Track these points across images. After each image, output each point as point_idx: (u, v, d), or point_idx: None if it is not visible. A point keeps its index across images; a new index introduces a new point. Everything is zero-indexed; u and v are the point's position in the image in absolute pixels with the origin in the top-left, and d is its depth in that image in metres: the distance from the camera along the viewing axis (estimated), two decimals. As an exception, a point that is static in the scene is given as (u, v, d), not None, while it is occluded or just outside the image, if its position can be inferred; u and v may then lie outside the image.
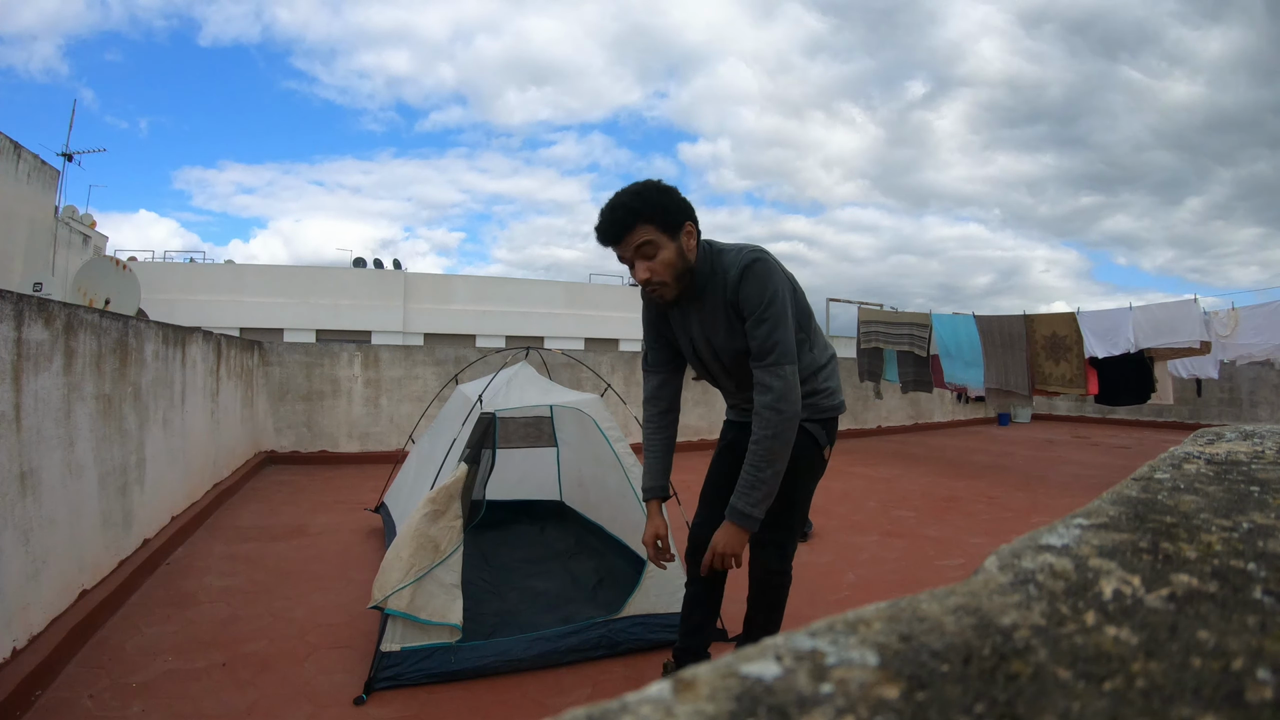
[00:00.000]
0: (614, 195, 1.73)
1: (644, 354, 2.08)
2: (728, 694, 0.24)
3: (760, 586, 2.01)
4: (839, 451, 8.20)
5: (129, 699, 2.15)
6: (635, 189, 1.73)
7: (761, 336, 1.73)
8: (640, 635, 2.57)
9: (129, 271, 7.32)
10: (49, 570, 2.40)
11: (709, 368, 1.98)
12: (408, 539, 2.41)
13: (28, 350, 2.28)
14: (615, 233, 1.71)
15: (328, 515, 4.62)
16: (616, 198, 1.72)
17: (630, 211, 1.69)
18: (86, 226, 13.21)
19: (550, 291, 19.61)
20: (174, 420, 3.96)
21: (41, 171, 9.86)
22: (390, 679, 2.24)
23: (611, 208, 1.71)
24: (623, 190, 1.74)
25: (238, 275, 17.45)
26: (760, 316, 1.72)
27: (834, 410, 2.01)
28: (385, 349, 7.30)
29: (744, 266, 1.74)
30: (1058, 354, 6.67)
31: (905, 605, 0.32)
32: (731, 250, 1.80)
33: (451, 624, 2.35)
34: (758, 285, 1.73)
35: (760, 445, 1.71)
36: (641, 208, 1.69)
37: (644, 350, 2.09)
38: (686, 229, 1.73)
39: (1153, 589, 0.34)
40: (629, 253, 1.72)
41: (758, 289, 1.73)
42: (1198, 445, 0.73)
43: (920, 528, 4.61)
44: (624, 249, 1.72)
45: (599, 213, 1.74)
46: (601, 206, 1.74)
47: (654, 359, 2.06)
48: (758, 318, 1.73)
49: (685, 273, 1.76)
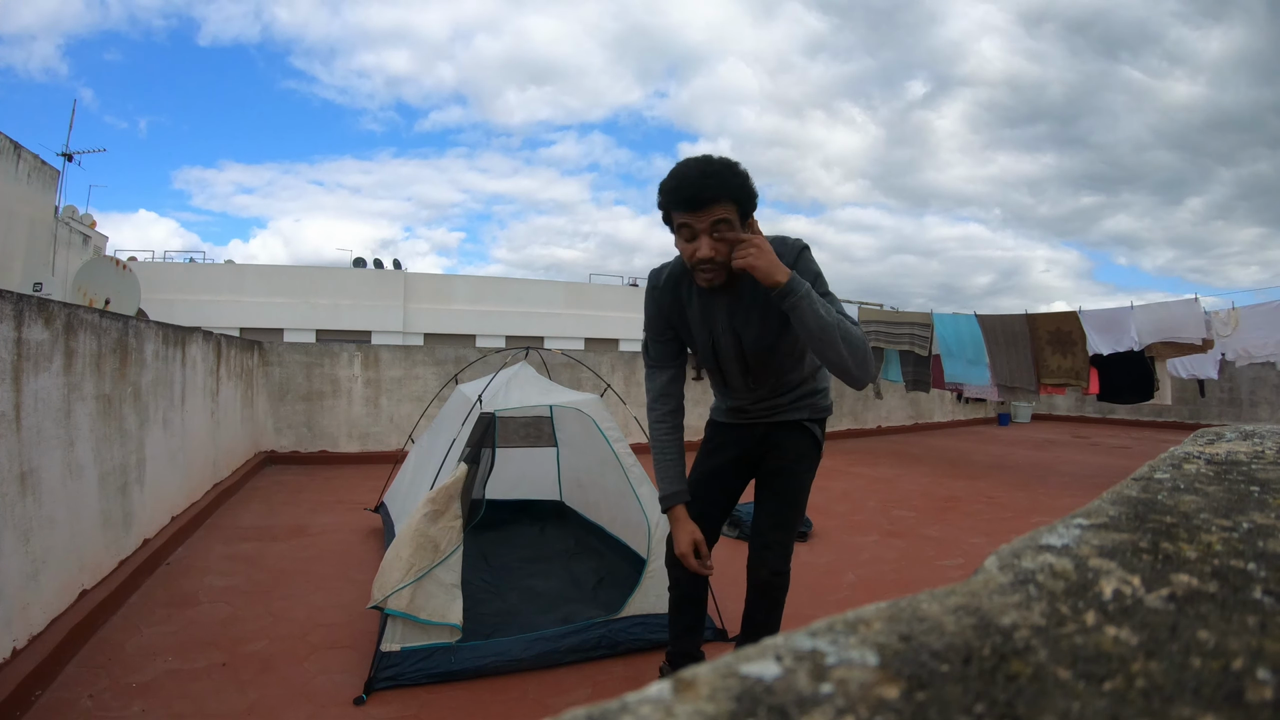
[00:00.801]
0: (702, 160, 1.62)
1: (645, 349, 1.99)
2: (728, 694, 0.24)
3: (766, 588, 1.97)
4: (839, 451, 8.22)
5: (129, 699, 2.15)
6: (727, 162, 1.62)
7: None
8: (640, 635, 2.57)
9: (129, 271, 7.33)
10: (49, 570, 2.40)
11: (724, 363, 1.90)
12: (407, 539, 2.41)
13: (28, 350, 2.28)
14: (701, 200, 1.59)
15: (328, 515, 4.62)
16: (708, 164, 1.60)
17: (723, 184, 1.59)
18: (86, 226, 13.21)
19: (550, 291, 19.62)
20: (174, 420, 3.96)
21: (41, 171, 9.86)
22: (390, 679, 2.24)
23: (703, 174, 1.59)
24: (711, 159, 1.63)
25: (238, 275, 17.46)
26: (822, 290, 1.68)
27: (827, 411, 2.04)
28: (385, 349, 7.31)
29: (799, 250, 1.71)
30: (1063, 348, 6.68)
31: (905, 605, 0.32)
32: (773, 240, 1.73)
33: (451, 624, 2.35)
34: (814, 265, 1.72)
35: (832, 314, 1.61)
36: (732, 183, 1.60)
37: (645, 345, 1.99)
38: (751, 219, 1.67)
39: (1153, 589, 0.34)
40: (703, 225, 1.61)
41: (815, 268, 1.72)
42: (1198, 445, 0.73)
43: (920, 528, 4.61)
44: (698, 220, 1.61)
45: (680, 173, 1.62)
46: (684, 167, 1.63)
47: (659, 353, 1.95)
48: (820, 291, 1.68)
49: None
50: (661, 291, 1.89)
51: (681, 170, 1.62)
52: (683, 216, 1.63)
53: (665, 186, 1.64)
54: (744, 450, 2.05)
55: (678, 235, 1.68)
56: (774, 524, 1.95)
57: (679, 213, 1.63)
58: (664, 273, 1.89)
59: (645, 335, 1.98)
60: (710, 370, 1.99)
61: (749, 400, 1.99)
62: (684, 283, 1.85)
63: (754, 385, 1.93)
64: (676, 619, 2.12)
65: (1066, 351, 6.65)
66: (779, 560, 1.95)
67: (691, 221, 1.62)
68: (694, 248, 1.65)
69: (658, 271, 1.92)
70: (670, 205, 1.64)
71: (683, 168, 1.63)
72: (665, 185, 1.64)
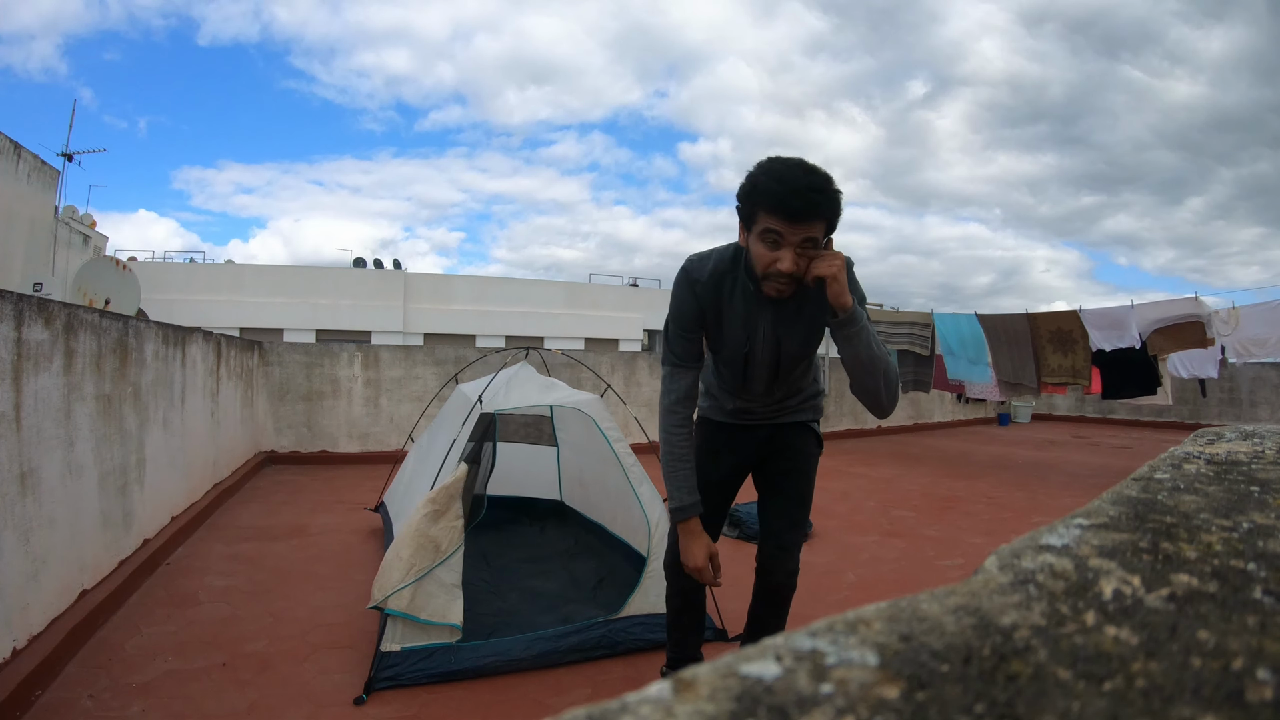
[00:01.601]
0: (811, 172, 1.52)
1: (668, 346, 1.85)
2: (728, 694, 0.24)
3: (780, 589, 1.96)
4: (839, 451, 8.22)
5: (129, 699, 2.15)
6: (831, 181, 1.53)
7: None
8: (640, 635, 2.57)
9: (129, 271, 7.33)
10: (49, 570, 2.40)
11: (753, 367, 1.83)
12: (408, 539, 2.41)
13: (28, 350, 2.28)
14: (803, 215, 1.50)
15: (328, 515, 4.62)
16: (818, 179, 1.51)
17: (829, 202, 1.51)
18: (86, 226, 13.21)
19: (550, 291, 19.61)
20: (174, 420, 3.96)
21: (41, 171, 9.86)
22: (390, 679, 2.24)
23: (815, 188, 1.50)
24: (818, 172, 1.52)
25: (238, 275, 17.46)
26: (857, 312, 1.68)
27: (823, 411, 2.08)
28: (385, 349, 7.31)
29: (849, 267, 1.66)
30: (1064, 346, 6.69)
31: (905, 605, 0.32)
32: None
33: (452, 624, 2.35)
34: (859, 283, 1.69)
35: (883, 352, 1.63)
36: (835, 205, 1.53)
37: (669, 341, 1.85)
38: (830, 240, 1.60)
39: (1153, 589, 0.34)
40: (795, 238, 1.52)
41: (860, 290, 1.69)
42: (1198, 445, 0.73)
43: (920, 528, 4.61)
44: (792, 232, 1.52)
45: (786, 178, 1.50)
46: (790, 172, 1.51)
47: (685, 351, 1.82)
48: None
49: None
50: (705, 286, 1.76)
51: (788, 175, 1.51)
52: (774, 223, 1.53)
53: (765, 188, 1.52)
54: (745, 455, 2.02)
55: (758, 238, 1.58)
56: (789, 524, 1.93)
57: (772, 218, 1.53)
58: (708, 265, 1.75)
59: (670, 329, 1.83)
60: (734, 372, 1.88)
61: (760, 403, 1.94)
62: (727, 280, 1.75)
63: (774, 389, 1.89)
64: (676, 623, 2.11)
65: (1068, 351, 6.65)
66: (795, 560, 1.96)
67: (784, 232, 1.53)
68: (775, 257, 1.55)
69: (700, 262, 1.77)
70: (765, 208, 1.53)
71: (789, 173, 1.51)
72: (765, 186, 1.52)
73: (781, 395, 1.93)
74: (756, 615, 2.06)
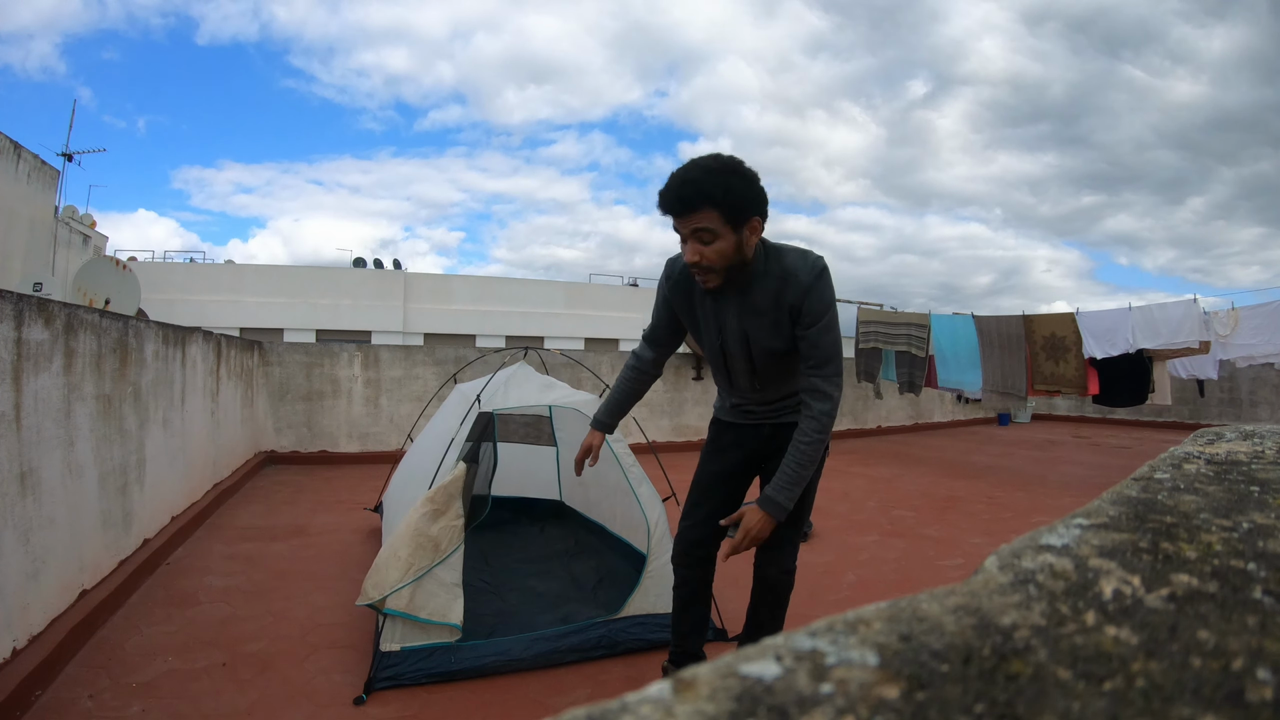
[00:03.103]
0: (689, 165, 1.63)
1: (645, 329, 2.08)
2: (728, 694, 0.24)
3: (773, 586, 2.01)
4: (839, 451, 8.22)
5: (129, 699, 2.15)
6: (712, 166, 1.61)
7: (826, 344, 1.74)
8: (640, 635, 2.57)
9: (129, 271, 7.32)
10: (49, 570, 2.40)
11: (731, 362, 1.91)
12: (406, 538, 2.40)
13: (28, 350, 2.28)
14: (677, 209, 1.62)
15: (328, 515, 4.62)
16: (690, 170, 1.61)
17: (700, 192, 1.59)
18: (86, 226, 13.21)
19: (550, 291, 19.61)
20: (174, 420, 3.96)
21: (41, 171, 9.86)
22: (390, 679, 2.23)
23: (681, 181, 1.60)
24: (698, 163, 1.62)
25: (237, 275, 17.45)
26: (826, 324, 1.73)
27: None
28: (385, 349, 7.31)
29: (819, 272, 1.72)
30: (1057, 354, 6.68)
31: (905, 605, 0.32)
32: (793, 252, 1.76)
33: (452, 624, 2.35)
34: (829, 292, 1.74)
35: (811, 446, 1.74)
36: (712, 191, 1.58)
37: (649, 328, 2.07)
38: (752, 224, 1.65)
39: (1153, 589, 0.34)
40: (685, 231, 1.64)
41: (829, 296, 1.74)
42: (1198, 445, 0.73)
43: (920, 528, 4.61)
44: (682, 225, 1.64)
45: (669, 177, 1.63)
46: (675, 170, 1.63)
47: (653, 332, 2.04)
48: (824, 325, 1.73)
49: (738, 265, 1.69)
50: (674, 283, 1.91)
51: (671, 175, 1.64)
52: (672, 222, 1.66)
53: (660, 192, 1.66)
54: (750, 450, 2.06)
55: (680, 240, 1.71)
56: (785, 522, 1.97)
57: (669, 218, 1.66)
58: (679, 263, 1.87)
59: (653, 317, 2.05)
60: (716, 368, 1.99)
61: (755, 401, 2.00)
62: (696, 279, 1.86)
63: (760, 387, 1.94)
64: (681, 618, 2.13)
65: (1060, 359, 6.65)
66: (789, 559, 1.99)
67: (679, 227, 1.65)
68: (685, 252, 1.69)
69: (675, 260, 1.90)
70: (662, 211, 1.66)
71: (673, 172, 1.64)
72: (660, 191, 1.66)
73: (774, 396, 1.97)
74: (754, 613, 2.08)
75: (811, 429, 1.74)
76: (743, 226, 1.64)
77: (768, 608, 2.03)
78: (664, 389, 8.26)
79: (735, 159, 1.64)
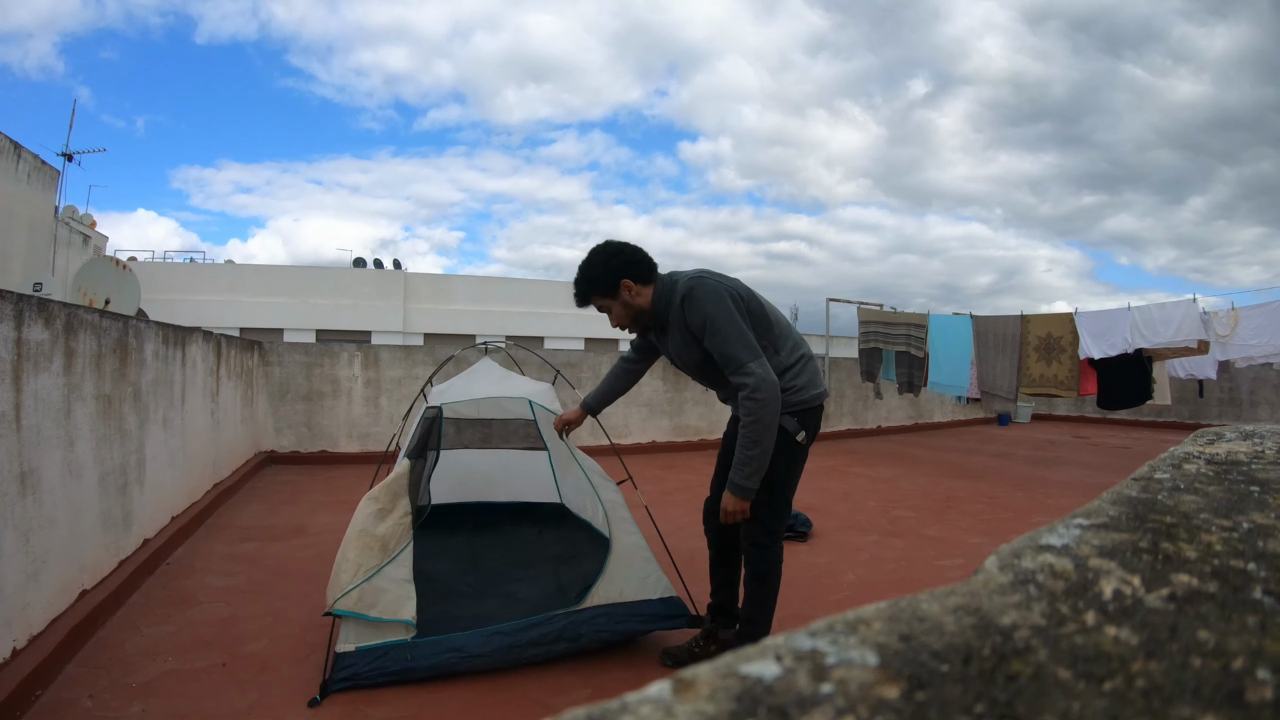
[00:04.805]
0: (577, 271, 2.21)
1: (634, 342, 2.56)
2: (728, 694, 0.24)
3: (747, 559, 2.29)
4: (839, 451, 8.22)
5: (129, 699, 2.15)
6: (583, 270, 2.19)
7: (715, 351, 2.07)
8: (604, 626, 2.45)
9: (129, 271, 7.33)
10: (49, 570, 2.40)
11: (686, 373, 2.35)
12: (353, 540, 2.36)
13: (28, 350, 2.28)
14: (580, 304, 2.25)
15: (328, 515, 4.62)
16: (577, 274, 2.21)
17: (581, 292, 2.22)
18: (86, 226, 13.21)
19: (550, 291, 19.60)
20: (174, 420, 3.96)
21: (41, 171, 9.86)
22: (347, 679, 2.20)
23: (573, 285, 2.24)
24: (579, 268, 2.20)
25: (237, 275, 17.46)
26: (712, 332, 2.05)
27: (805, 403, 2.21)
28: (385, 349, 7.31)
29: (682, 297, 2.10)
30: (1050, 355, 6.68)
31: (905, 605, 0.32)
32: (675, 285, 2.14)
33: (404, 620, 2.31)
34: (695, 311, 2.07)
35: (745, 429, 2.04)
36: (588, 288, 2.20)
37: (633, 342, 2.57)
38: (625, 286, 2.16)
39: (1153, 589, 0.34)
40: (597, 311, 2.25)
41: (697, 315, 2.07)
42: (1198, 445, 0.73)
43: (920, 528, 4.61)
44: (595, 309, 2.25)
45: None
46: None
47: (637, 348, 2.56)
48: (711, 333, 2.06)
49: (640, 313, 2.21)
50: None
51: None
52: None
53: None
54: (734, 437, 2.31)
55: None
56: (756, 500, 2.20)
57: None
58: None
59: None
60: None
61: (723, 398, 2.36)
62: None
63: (711, 388, 2.34)
64: (713, 574, 2.51)
65: (1053, 359, 6.65)
66: (758, 532, 2.23)
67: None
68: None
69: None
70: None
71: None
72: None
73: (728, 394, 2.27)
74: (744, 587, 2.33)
75: (742, 414, 2.05)
76: (618, 293, 2.17)
77: (748, 583, 2.29)
78: (664, 389, 8.27)
79: (599, 247, 2.20)
